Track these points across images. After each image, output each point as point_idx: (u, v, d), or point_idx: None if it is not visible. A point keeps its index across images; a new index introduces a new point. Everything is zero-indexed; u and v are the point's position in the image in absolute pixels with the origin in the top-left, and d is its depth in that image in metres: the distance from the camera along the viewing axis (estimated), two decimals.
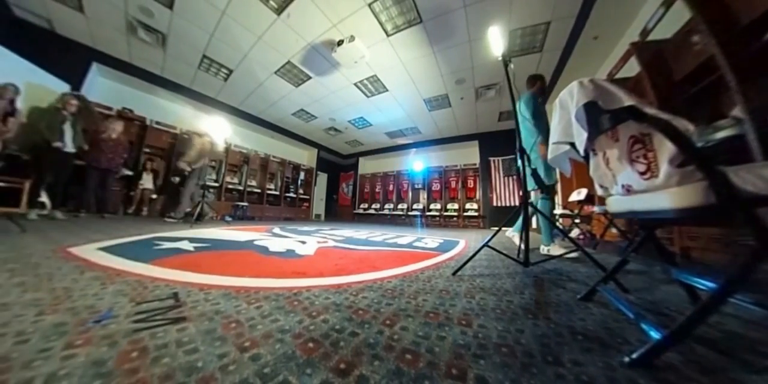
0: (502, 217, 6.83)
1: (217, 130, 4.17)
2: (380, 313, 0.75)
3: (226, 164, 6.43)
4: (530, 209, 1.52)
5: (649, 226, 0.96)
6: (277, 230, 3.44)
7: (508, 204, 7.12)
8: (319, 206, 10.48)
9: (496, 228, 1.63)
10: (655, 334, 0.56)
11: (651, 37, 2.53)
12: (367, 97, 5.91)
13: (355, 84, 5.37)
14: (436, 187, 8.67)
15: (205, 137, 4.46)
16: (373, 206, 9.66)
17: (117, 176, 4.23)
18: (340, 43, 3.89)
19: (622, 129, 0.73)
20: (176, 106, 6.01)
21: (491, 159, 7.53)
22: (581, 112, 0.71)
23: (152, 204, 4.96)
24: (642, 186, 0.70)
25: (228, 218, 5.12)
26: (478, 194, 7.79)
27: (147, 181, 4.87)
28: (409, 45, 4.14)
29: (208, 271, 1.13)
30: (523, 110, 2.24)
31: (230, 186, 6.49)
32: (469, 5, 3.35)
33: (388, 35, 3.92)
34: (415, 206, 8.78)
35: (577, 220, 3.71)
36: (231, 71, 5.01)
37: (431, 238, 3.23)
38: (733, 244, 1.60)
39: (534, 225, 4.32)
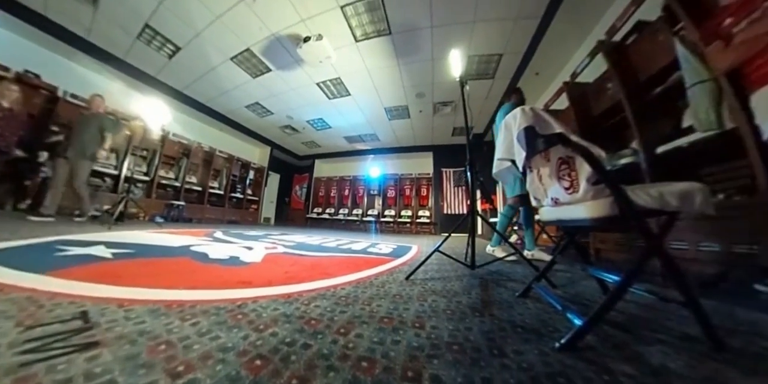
0: (451, 224, 7.35)
1: (152, 114, 3.58)
2: (334, 321, 0.73)
3: (160, 156, 5.43)
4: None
5: (571, 232, 1.12)
6: (219, 234, 3.12)
7: (457, 212, 7.68)
8: (269, 209, 9.81)
9: (446, 234, 1.74)
10: (577, 322, 0.66)
11: (579, 79, 3.02)
12: (329, 98, 5.80)
13: (318, 84, 5.23)
14: (391, 193, 8.87)
15: (134, 121, 3.82)
16: (328, 211, 9.38)
17: (6, 159, 3.32)
18: (306, 39, 3.77)
19: (553, 151, 0.86)
20: (101, 79, 4.88)
21: (443, 170, 8.09)
22: (522, 134, 0.81)
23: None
24: (566, 199, 0.82)
25: (159, 219, 4.49)
26: (431, 202, 8.22)
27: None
28: (376, 53, 4.21)
29: (130, 283, 0.96)
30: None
31: (164, 181, 5.58)
32: (436, 27, 3.61)
33: (356, 40, 3.93)
34: (370, 212, 8.82)
35: (515, 227, 4.15)
36: (178, 48, 4.34)
37: (385, 244, 3.28)
38: (631, 246, 1.95)
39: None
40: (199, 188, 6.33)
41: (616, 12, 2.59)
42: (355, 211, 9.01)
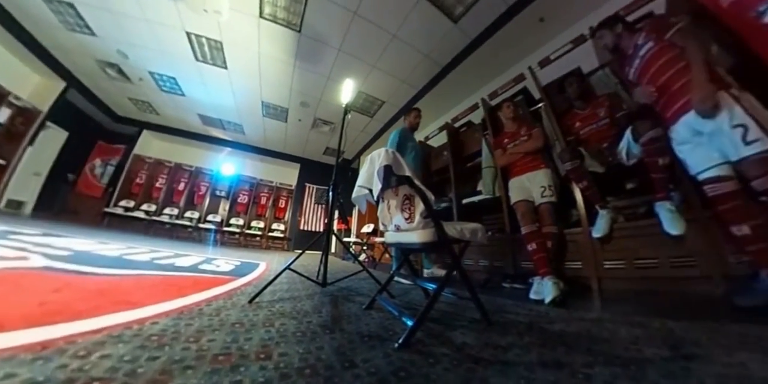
0: (306, 240, 7.14)
1: None
2: (135, 376, 0.51)
3: None
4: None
5: (406, 252, 1.47)
6: None
7: (313, 229, 7.62)
8: (24, 186, 5.24)
9: (300, 251, 1.69)
10: (410, 323, 0.80)
11: (429, 142, 4.06)
12: (196, 59, 4.33)
13: (189, 34, 3.82)
14: (243, 199, 7.48)
15: None
16: (145, 207, 6.45)
17: None
18: None
19: (401, 188, 1.09)
20: None
21: (308, 184, 7.91)
22: (381, 170, 0.99)
23: None
24: (405, 227, 1.06)
25: None
26: (288, 216, 7.71)
27: None
28: (276, 42, 3.78)
29: None
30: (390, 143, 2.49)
31: None
32: (343, 52, 3.79)
33: (261, 16, 3.38)
34: (210, 217, 6.91)
35: (365, 247, 4.63)
36: None
37: (226, 260, 2.74)
38: (446, 263, 2.63)
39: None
40: None
41: (460, 109, 3.90)
42: (188, 214, 6.78)
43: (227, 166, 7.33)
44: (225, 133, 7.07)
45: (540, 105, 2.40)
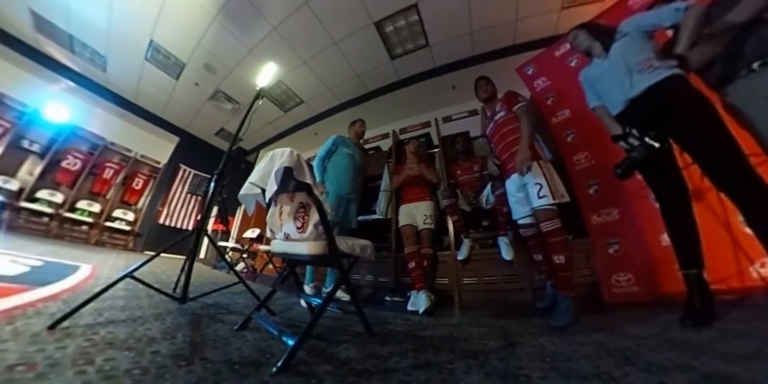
0: (166, 239, 4.99)
1: None
2: None
3: None
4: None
5: (293, 264, 1.29)
6: None
7: (178, 226, 5.85)
8: None
9: (153, 252, 1.27)
10: (291, 342, 0.73)
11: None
12: None
13: None
14: (71, 164, 4.75)
15: None
16: None
17: None
18: None
19: (298, 195, 1.03)
20: None
21: (183, 167, 6.03)
22: (281, 170, 0.89)
23: None
24: (296, 236, 1.00)
25: None
26: (144, 203, 5.60)
27: None
28: None
29: None
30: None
31: None
32: (277, 32, 3.41)
33: None
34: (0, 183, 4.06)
35: (245, 255, 4.01)
36: None
37: (14, 255, 1.83)
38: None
39: None
40: None
41: (373, 133, 3.78)
42: None
43: (56, 109, 4.59)
44: (71, 59, 4.48)
45: (436, 150, 2.97)
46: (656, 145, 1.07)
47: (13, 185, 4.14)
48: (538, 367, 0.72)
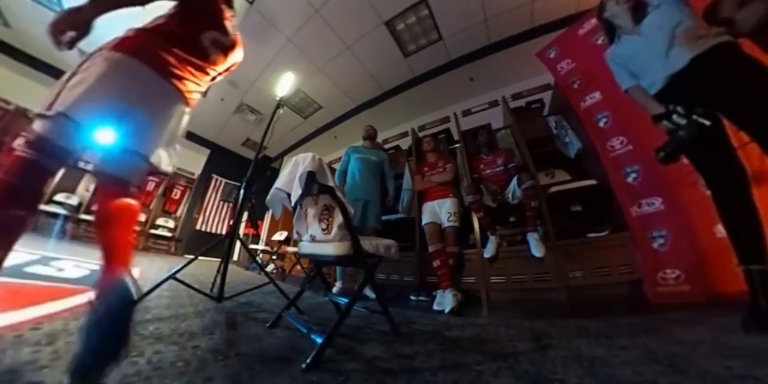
0: (202, 243, 5.77)
1: None
2: None
3: None
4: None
5: (319, 265, 1.35)
6: None
7: (214, 231, 6.33)
8: None
9: (192, 256, 1.41)
10: (319, 340, 0.75)
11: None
12: None
13: None
14: None
15: None
16: None
17: None
18: None
19: (322, 198, 1.06)
20: None
21: (215, 176, 6.54)
22: (304, 175, 0.92)
23: None
24: (322, 238, 1.02)
25: None
26: (182, 211, 6.11)
27: None
28: None
29: None
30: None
31: None
32: (291, 42, 3.53)
33: None
34: (61, 197, 4.52)
35: (274, 257, 4.20)
36: None
37: (76, 261, 2.05)
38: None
39: None
40: None
41: (391, 132, 4.27)
42: None
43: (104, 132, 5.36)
44: None
45: (457, 145, 2.89)
46: (707, 122, 0.92)
47: (74, 200, 4.69)
48: (574, 372, 0.67)
